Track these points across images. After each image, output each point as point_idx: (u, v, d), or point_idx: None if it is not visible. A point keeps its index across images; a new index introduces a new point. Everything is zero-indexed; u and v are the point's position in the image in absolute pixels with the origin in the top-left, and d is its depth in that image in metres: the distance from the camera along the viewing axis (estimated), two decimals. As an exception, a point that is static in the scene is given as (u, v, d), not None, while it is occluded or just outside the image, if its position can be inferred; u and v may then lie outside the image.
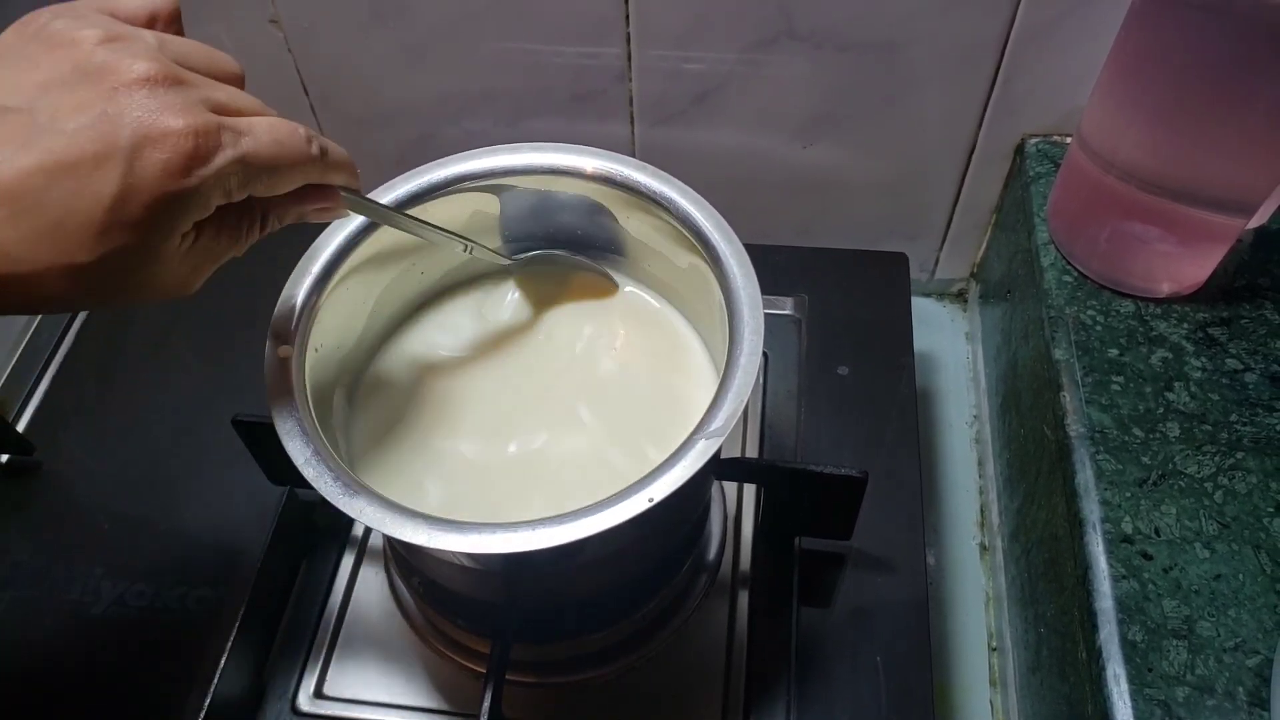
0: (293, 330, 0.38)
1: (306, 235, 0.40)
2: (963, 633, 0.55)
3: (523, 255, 0.46)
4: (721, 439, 0.34)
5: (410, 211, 0.41)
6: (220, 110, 0.28)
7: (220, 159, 0.27)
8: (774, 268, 0.41)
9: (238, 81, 0.30)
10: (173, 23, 0.30)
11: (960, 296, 0.71)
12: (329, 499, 0.34)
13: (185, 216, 0.27)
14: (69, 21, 0.27)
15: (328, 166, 0.31)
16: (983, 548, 0.59)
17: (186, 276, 0.30)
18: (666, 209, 0.41)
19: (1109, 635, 0.39)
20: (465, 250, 0.42)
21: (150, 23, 0.30)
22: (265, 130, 0.29)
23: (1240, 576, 0.40)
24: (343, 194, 0.33)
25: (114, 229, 0.26)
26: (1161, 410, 0.45)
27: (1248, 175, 0.44)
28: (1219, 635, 0.39)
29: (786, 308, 0.59)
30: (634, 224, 0.44)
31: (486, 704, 0.39)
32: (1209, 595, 0.40)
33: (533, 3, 0.55)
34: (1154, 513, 0.42)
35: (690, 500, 0.44)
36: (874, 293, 0.59)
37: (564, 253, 0.46)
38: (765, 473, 0.47)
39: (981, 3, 0.51)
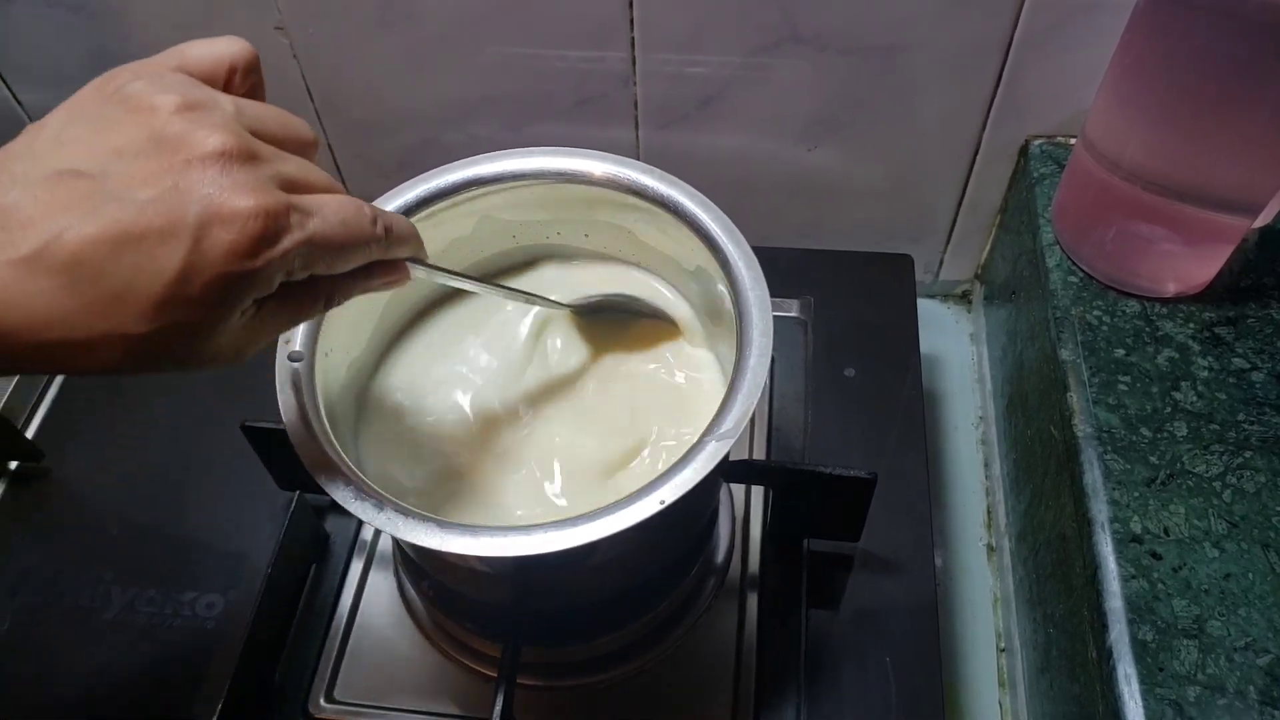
0: (303, 334, 0.38)
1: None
2: (971, 634, 0.55)
3: (582, 302, 0.45)
4: (732, 441, 0.34)
5: (423, 214, 0.42)
6: (290, 186, 0.28)
7: (287, 241, 0.27)
8: (779, 270, 0.41)
9: (310, 149, 0.30)
10: (251, 71, 0.30)
11: (965, 298, 0.71)
12: (341, 503, 0.34)
13: (246, 295, 0.27)
14: (148, 84, 0.27)
15: (392, 243, 0.31)
16: (990, 548, 0.59)
17: (240, 349, 0.29)
18: (674, 213, 0.41)
19: (1119, 635, 0.39)
20: (528, 302, 0.43)
21: (230, 74, 0.30)
22: (333, 211, 0.28)
23: (1250, 575, 0.40)
24: (410, 264, 0.33)
25: (173, 304, 0.26)
26: (1169, 410, 0.45)
27: (1253, 175, 0.44)
28: (1229, 634, 0.39)
29: (792, 310, 0.59)
30: (640, 227, 0.44)
31: (498, 707, 0.39)
32: (1219, 594, 0.40)
33: (537, 7, 0.55)
34: (1163, 512, 0.42)
35: (700, 503, 0.44)
36: (879, 295, 0.59)
37: (624, 297, 0.46)
38: (773, 475, 0.47)
39: (985, 5, 0.51)
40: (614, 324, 0.46)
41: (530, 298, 0.43)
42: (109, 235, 0.25)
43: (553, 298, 0.44)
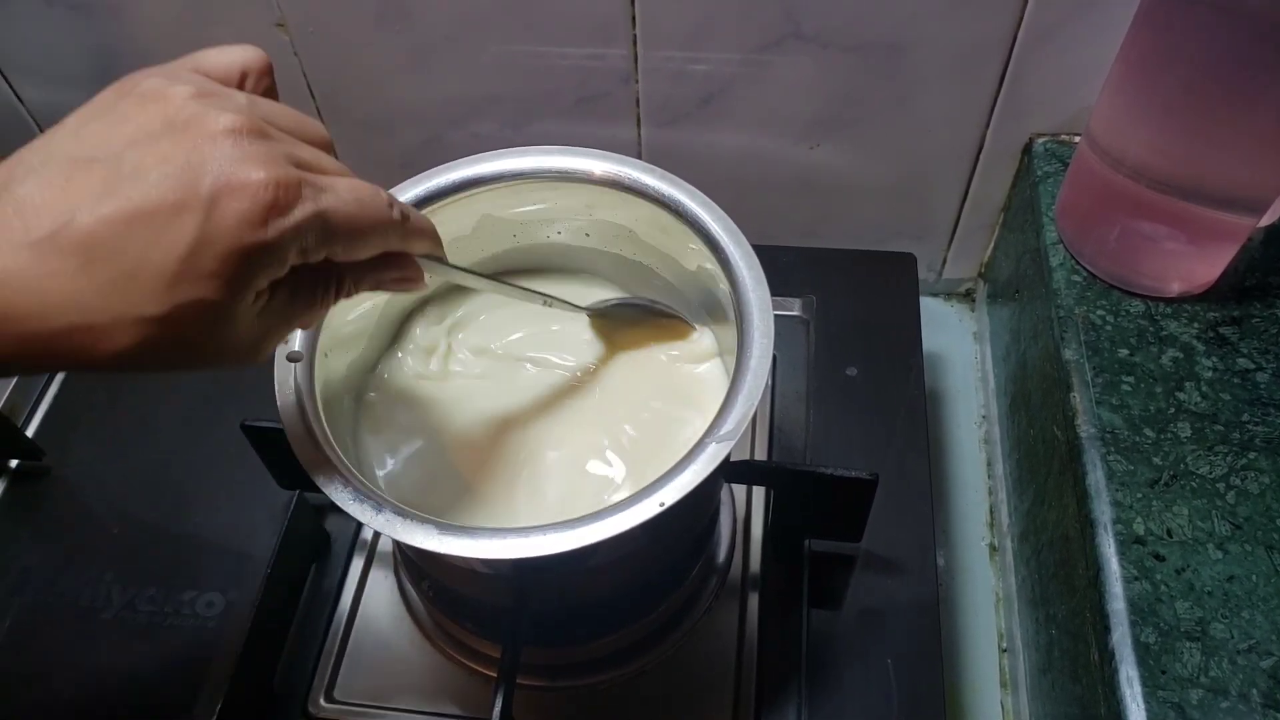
0: (302, 334, 0.38)
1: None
2: (973, 634, 0.55)
3: (598, 304, 0.45)
4: (732, 443, 0.34)
5: (429, 210, 0.42)
6: (304, 167, 0.28)
7: (299, 212, 0.27)
8: (781, 269, 0.41)
9: (325, 146, 0.30)
10: (264, 76, 0.31)
11: (968, 296, 0.70)
12: (339, 504, 0.34)
13: (260, 271, 0.27)
14: (162, 80, 0.28)
15: (409, 233, 0.31)
16: (992, 548, 0.59)
17: (257, 340, 0.29)
18: (675, 212, 0.41)
19: (1121, 637, 0.39)
20: (545, 304, 0.42)
21: (242, 78, 0.30)
22: (347, 189, 0.28)
23: (1254, 578, 0.40)
24: (425, 260, 0.33)
25: (186, 280, 0.26)
26: (1173, 410, 0.45)
27: (1258, 174, 0.44)
28: (1232, 637, 0.39)
29: (794, 309, 0.58)
30: (641, 226, 0.44)
31: (497, 708, 0.39)
32: (1222, 597, 0.40)
33: (538, 5, 0.55)
34: (1166, 514, 0.42)
35: (701, 504, 0.44)
36: (882, 293, 0.59)
37: (643, 300, 0.46)
38: (775, 475, 0.46)
39: (989, 2, 0.51)
40: (624, 323, 0.46)
41: (549, 299, 0.42)
42: (123, 213, 0.25)
43: (571, 301, 0.44)
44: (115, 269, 0.25)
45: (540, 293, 0.42)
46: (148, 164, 0.26)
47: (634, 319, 0.46)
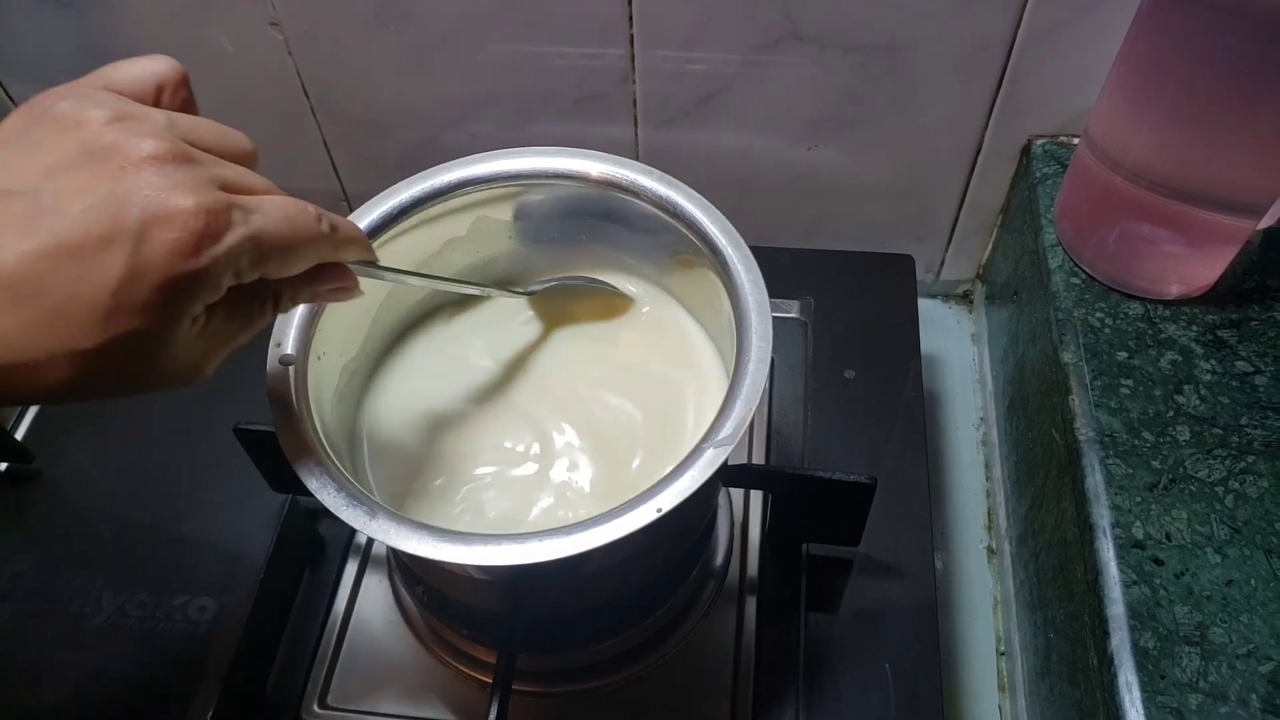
0: (295, 337, 0.38)
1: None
2: (971, 637, 0.55)
3: (539, 288, 0.45)
4: (730, 448, 0.33)
5: (418, 214, 0.41)
6: (229, 188, 0.27)
7: (231, 237, 0.26)
8: (779, 270, 0.41)
9: (249, 159, 0.30)
10: (180, 87, 0.30)
11: (966, 298, 0.70)
12: (332, 509, 0.33)
13: (195, 299, 0.26)
14: (75, 103, 0.27)
15: (339, 243, 0.31)
16: (990, 551, 0.58)
17: (197, 362, 0.29)
18: (673, 214, 0.41)
19: (1120, 642, 0.39)
20: (483, 294, 0.42)
21: (158, 93, 0.29)
22: (276, 208, 0.28)
23: (1253, 582, 0.40)
24: (356, 267, 0.33)
25: (120, 313, 0.25)
26: (1171, 414, 0.45)
27: (1258, 176, 0.44)
28: (1232, 642, 0.38)
29: (792, 311, 0.58)
30: (639, 228, 0.44)
31: (493, 715, 0.39)
32: (1221, 601, 0.39)
33: (536, 5, 0.54)
34: (1165, 518, 0.42)
35: (698, 509, 0.44)
36: (880, 295, 0.59)
37: (581, 280, 0.46)
38: (772, 479, 0.46)
39: (988, 4, 0.51)
40: (566, 302, 0.46)
41: (485, 289, 0.42)
42: (47, 249, 0.24)
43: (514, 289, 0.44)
44: (42, 306, 0.25)
45: (476, 284, 0.42)
46: (68, 196, 0.25)
47: (574, 297, 0.46)
